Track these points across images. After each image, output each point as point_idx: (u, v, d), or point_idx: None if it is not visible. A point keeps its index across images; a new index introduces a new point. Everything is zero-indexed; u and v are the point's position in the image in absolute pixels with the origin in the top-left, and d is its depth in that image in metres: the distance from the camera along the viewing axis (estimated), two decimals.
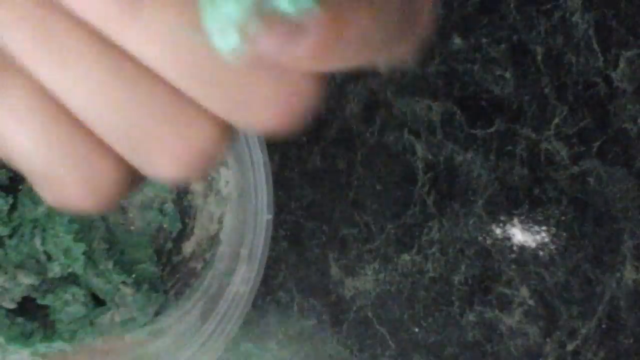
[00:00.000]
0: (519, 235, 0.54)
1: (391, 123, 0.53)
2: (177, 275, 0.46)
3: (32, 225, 0.43)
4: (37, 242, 0.42)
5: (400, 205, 0.53)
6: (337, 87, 0.53)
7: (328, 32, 0.13)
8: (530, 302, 0.53)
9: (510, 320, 0.53)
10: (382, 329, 0.52)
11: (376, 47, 0.14)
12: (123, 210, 0.48)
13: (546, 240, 0.54)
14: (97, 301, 0.45)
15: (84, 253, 0.42)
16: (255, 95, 0.14)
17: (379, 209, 0.53)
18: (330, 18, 0.13)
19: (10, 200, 0.43)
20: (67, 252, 0.42)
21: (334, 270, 0.52)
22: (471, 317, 0.53)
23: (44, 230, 0.42)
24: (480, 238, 0.53)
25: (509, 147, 0.54)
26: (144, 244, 0.47)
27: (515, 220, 0.54)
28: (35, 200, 0.44)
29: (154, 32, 0.13)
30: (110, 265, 0.44)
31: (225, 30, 0.13)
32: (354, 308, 0.52)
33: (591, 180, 0.54)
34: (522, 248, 0.53)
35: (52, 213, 0.44)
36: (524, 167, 0.54)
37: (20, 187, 0.45)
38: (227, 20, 0.13)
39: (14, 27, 0.14)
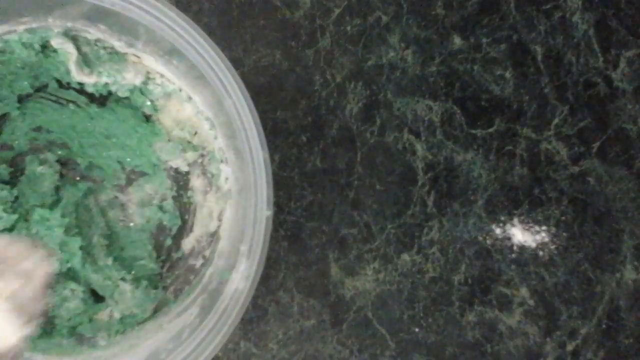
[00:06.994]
0: (519, 235, 0.54)
1: (391, 123, 0.53)
2: (177, 272, 0.46)
3: (32, 216, 0.43)
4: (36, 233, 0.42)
5: (400, 205, 0.53)
6: (337, 87, 0.53)
7: None
8: (530, 302, 0.53)
9: (510, 320, 0.53)
10: (382, 329, 0.52)
11: None
12: (123, 206, 0.48)
13: (546, 240, 0.54)
14: (96, 297, 0.45)
15: (81, 248, 0.42)
16: None
17: (379, 209, 0.53)
18: None
19: (15, 193, 0.43)
20: (62, 245, 0.42)
21: (334, 270, 0.52)
22: (471, 317, 0.53)
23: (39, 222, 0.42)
24: (480, 238, 0.53)
25: (509, 147, 0.54)
26: (143, 241, 0.47)
27: (515, 220, 0.54)
28: (35, 192, 0.44)
29: None
30: (109, 261, 0.44)
31: None
32: (354, 308, 0.52)
33: (591, 180, 0.54)
34: (522, 248, 0.53)
35: (47, 205, 0.44)
36: (524, 167, 0.54)
37: (20, 179, 0.45)
38: None
39: None
